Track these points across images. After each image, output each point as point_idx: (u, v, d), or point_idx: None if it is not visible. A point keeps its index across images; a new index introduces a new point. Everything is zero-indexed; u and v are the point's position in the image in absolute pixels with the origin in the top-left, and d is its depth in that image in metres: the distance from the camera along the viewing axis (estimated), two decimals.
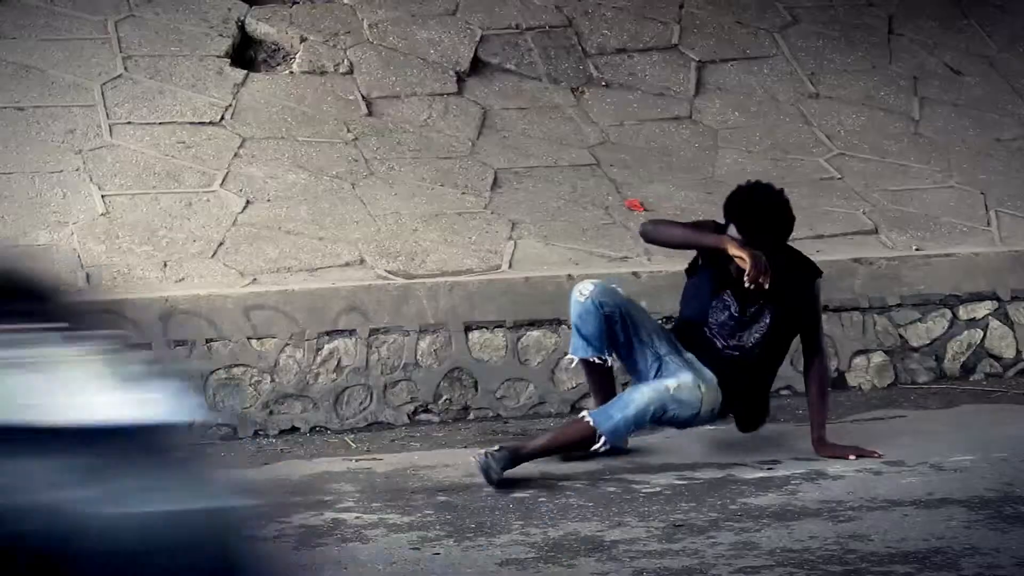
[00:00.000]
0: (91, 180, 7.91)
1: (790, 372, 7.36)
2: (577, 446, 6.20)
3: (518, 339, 7.20)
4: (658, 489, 5.97)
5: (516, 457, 6.06)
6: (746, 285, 6.01)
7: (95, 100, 8.51)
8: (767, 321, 6.27)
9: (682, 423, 6.26)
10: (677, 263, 7.51)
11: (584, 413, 6.21)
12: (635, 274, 7.35)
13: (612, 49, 9.87)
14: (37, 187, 7.80)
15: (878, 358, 7.69)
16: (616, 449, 6.27)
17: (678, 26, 10.18)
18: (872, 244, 8.10)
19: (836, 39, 10.22)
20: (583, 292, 6.26)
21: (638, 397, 6.13)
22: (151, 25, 9.21)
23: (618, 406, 6.14)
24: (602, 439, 6.07)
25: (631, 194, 8.35)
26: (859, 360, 7.68)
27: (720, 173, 8.75)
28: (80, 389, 2.31)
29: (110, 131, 8.31)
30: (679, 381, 6.15)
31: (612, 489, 6.01)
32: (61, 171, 7.94)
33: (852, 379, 7.66)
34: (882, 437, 6.70)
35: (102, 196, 7.79)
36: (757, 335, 6.28)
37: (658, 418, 6.17)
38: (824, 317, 7.05)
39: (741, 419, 6.45)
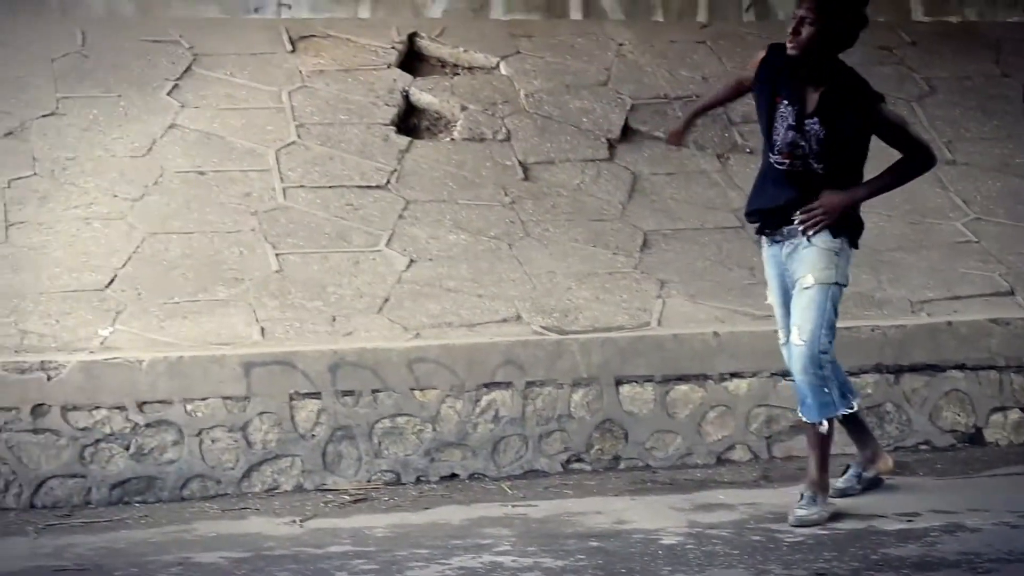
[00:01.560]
0: (266, 239, 8.26)
1: (928, 427, 7.53)
2: (827, 444, 6.44)
3: (666, 393, 7.40)
4: (801, 539, 6.08)
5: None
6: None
7: (270, 165, 8.89)
8: (824, 133, 6.27)
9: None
10: None
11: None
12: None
13: (755, 118, 10.04)
14: (216, 246, 8.15)
15: (1015, 415, 7.84)
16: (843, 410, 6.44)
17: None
18: (1008, 305, 8.22)
19: (972, 109, 10.37)
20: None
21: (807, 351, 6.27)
22: (322, 95, 9.61)
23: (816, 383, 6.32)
24: (823, 423, 6.35)
25: None
26: (996, 417, 7.82)
27: (863, 237, 8.88)
28: None
29: (284, 194, 8.68)
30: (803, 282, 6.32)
31: (757, 538, 6.12)
32: (238, 231, 8.30)
33: (989, 435, 7.81)
34: (1020, 492, 6.83)
35: (276, 255, 8.12)
36: (815, 143, 6.28)
37: (834, 318, 6.34)
38: (961, 375, 7.26)
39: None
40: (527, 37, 10.69)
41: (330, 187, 8.81)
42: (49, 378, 6.77)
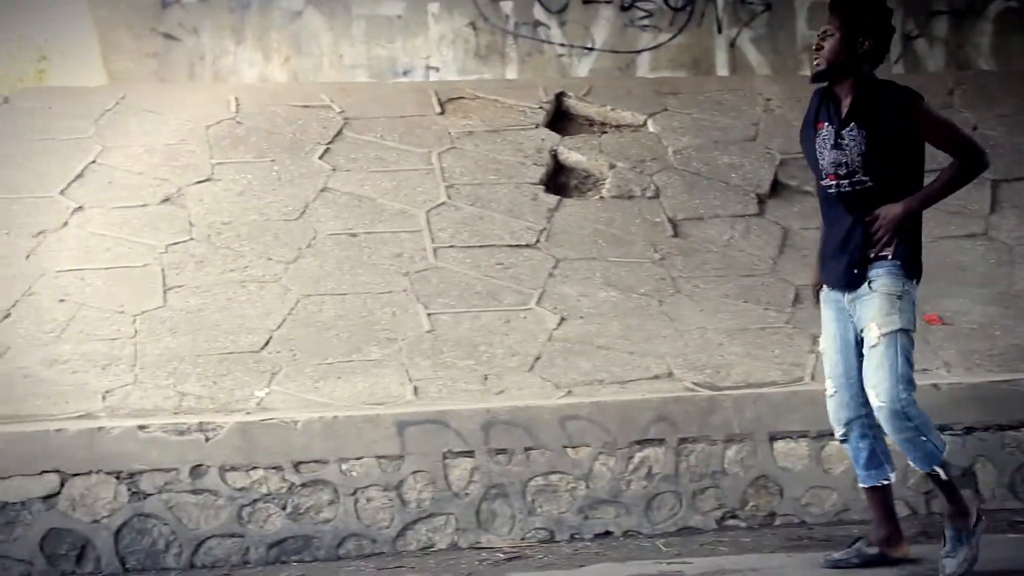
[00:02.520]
0: (417, 299, 8.33)
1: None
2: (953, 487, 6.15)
3: (821, 448, 7.31)
4: None
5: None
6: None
7: (421, 225, 9.00)
8: (864, 137, 6.00)
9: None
10: (977, 375, 7.62)
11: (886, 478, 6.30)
12: (935, 386, 7.42)
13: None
14: (369, 306, 8.23)
15: None
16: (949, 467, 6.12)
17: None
18: None
19: None
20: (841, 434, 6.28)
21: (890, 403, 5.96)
22: (471, 156, 9.71)
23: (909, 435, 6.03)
24: (940, 470, 6.08)
25: (929, 308, 8.42)
26: None
27: (1017, 288, 8.81)
28: None
29: (434, 254, 8.76)
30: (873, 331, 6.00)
31: None
32: (390, 291, 8.38)
33: None
34: None
35: (428, 314, 8.18)
36: (857, 153, 6.02)
37: (910, 369, 6.00)
38: None
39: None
40: (674, 94, 10.72)
41: (480, 247, 8.89)
42: (207, 439, 6.87)
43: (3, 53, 10.82)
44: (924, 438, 6.02)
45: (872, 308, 6.02)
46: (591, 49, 11.31)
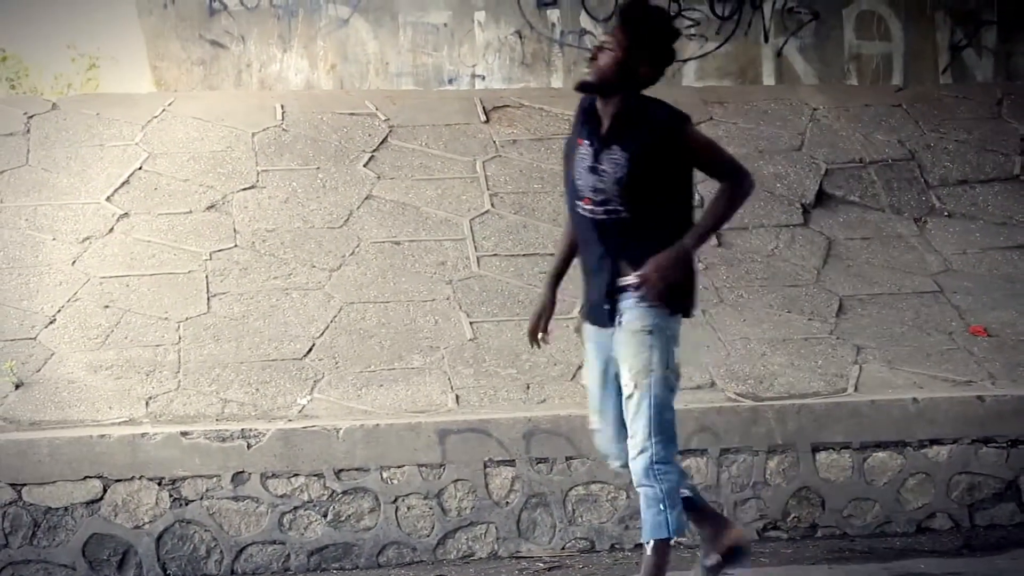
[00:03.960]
0: (460, 308, 8.34)
1: None
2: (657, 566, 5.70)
3: (864, 459, 7.29)
4: None
5: None
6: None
7: (464, 234, 9.01)
8: (625, 161, 5.53)
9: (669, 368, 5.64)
10: (1022, 387, 7.57)
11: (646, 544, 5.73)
12: (980, 398, 7.41)
13: (954, 180, 9.96)
14: (411, 314, 8.25)
15: None
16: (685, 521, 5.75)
17: (1020, 158, 10.22)
18: None
19: None
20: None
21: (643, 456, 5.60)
22: (515, 164, 9.72)
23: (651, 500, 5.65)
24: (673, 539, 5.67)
25: (975, 320, 8.43)
26: None
27: None
28: None
29: (478, 262, 8.78)
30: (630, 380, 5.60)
31: None
32: (433, 299, 8.40)
33: None
34: None
35: (470, 323, 8.19)
36: (614, 179, 5.54)
37: (665, 417, 5.61)
38: None
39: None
40: (720, 103, 10.70)
41: (524, 255, 8.90)
42: (249, 446, 6.90)
43: (53, 60, 10.90)
44: (662, 507, 5.61)
45: (623, 349, 5.62)
46: None
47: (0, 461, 6.75)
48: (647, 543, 5.65)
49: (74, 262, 8.55)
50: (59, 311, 8.11)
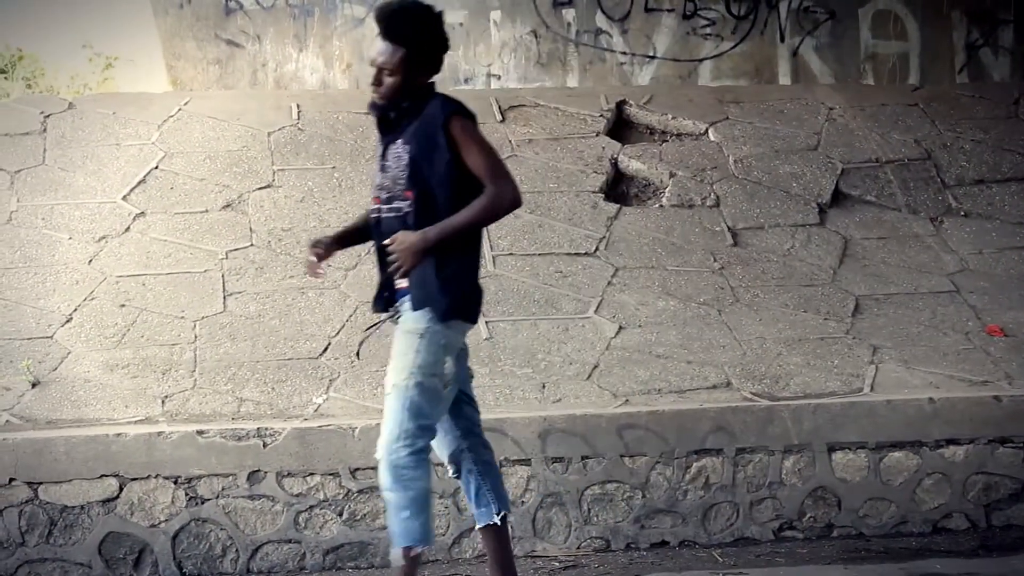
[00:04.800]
0: None
1: None
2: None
3: (880, 459, 7.27)
4: None
5: None
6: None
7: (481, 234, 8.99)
8: (408, 157, 5.53)
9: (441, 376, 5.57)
10: None
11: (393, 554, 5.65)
12: (996, 398, 7.39)
13: (971, 180, 9.94)
14: None
15: None
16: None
17: None
18: None
19: None
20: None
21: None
22: (531, 163, 9.72)
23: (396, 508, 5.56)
24: (415, 548, 5.57)
25: (991, 320, 8.41)
26: None
27: None
28: None
29: (493, 262, 8.76)
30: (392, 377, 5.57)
31: None
32: None
33: None
34: None
35: (486, 322, 8.17)
36: (400, 179, 5.54)
37: (420, 423, 5.53)
38: None
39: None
40: (736, 103, 10.69)
41: (539, 255, 8.89)
42: (265, 445, 6.91)
43: (69, 60, 10.93)
44: (407, 515, 5.54)
45: (394, 347, 5.61)
46: (653, 57, 11.30)
47: (17, 459, 6.76)
48: (401, 550, 5.57)
49: (90, 261, 8.57)
50: (75, 310, 8.13)
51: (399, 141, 5.60)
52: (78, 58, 10.90)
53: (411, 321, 5.55)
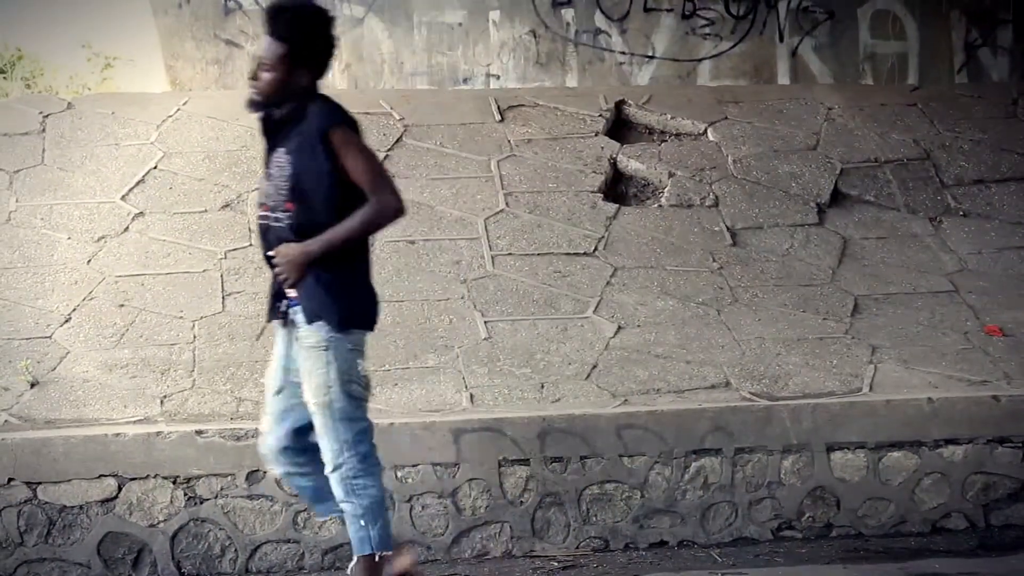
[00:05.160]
0: (475, 307, 8.34)
1: None
2: None
3: (879, 459, 7.26)
4: None
5: None
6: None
7: (479, 233, 9.01)
8: (288, 172, 5.52)
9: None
10: None
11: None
12: (995, 398, 7.38)
13: (970, 180, 9.94)
14: (426, 313, 8.25)
15: None
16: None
17: None
18: None
19: None
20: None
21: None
22: (530, 164, 9.72)
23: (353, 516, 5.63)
24: (375, 555, 5.63)
25: (990, 320, 8.41)
26: None
27: None
28: None
29: (492, 262, 8.77)
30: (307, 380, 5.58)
31: None
32: (448, 299, 8.40)
33: None
34: None
35: (485, 322, 8.19)
36: (282, 188, 5.54)
37: (355, 430, 5.61)
38: None
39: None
40: (734, 103, 10.69)
41: (538, 254, 8.89)
42: None
43: (68, 60, 10.91)
44: (363, 523, 5.60)
45: (303, 365, 5.61)
46: (652, 57, 11.30)
47: (16, 459, 6.76)
48: (354, 560, 5.63)
49: (89, 261, 8.57)
50: (74, 310, 8.12)
51: (281, 149, 5.58)
52: (77, 58, 10.88)
53: (311, 336, 5.56)
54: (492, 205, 9.28)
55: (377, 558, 5.62)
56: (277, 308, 5.69)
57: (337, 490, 5.63)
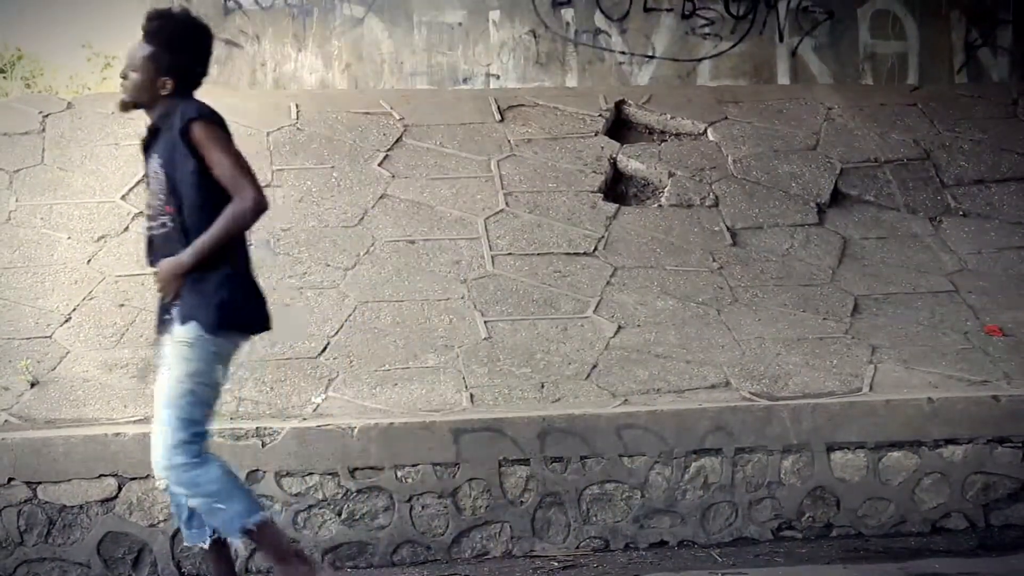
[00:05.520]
0: (475, 307, 8.34)
1: None
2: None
3: (879, 459, 7.26)
4: None
5: None
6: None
7: (479, 233, 9.02)
8: (162, 176, 5.55)
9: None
10: None
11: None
12: (995, 398, 7.37)
13: (969, 180, 9.95)
14: (426, 313, 8.26)
15: None
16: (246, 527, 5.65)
17: None
18: None
19: None
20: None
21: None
22: (530, 163, 9.72)
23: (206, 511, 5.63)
24: (249, 522, 5.63)
25: (990, 320, 8.41)
26: None
27: None
28: None
29: (492, 261, 8.78)
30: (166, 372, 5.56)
31: None
32: (448, 299, 8.40)
33: None
34: None
35: (485, 322, 8.19)
36: (160, 194, 5.58)
37: (191, 431, 5.56)
38: None
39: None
40: (734, 103, 10.70)
41: (538, 254, 8.89)
42: (264, 444, 6.90)
43: (68, 59, 10.92)
44: (221, 506, 5.57)
45: (167, 359, 5.60)
46: (651, 57, 11.30)
47: (15, 459, 6.76)
48: (236, 542, 5.69)
49: (89, 260, 8.57)
50: (74, 310, 8.12)
51: (155, 156, 5.61)
52: (77, 58, 10.89)
53: (180, 333, 5.56)
54: (492, 205, 9.28)
55: (255, 526, 5.61)
56: (165, 321, 5.68)
57: (177, 488, 5.60)
